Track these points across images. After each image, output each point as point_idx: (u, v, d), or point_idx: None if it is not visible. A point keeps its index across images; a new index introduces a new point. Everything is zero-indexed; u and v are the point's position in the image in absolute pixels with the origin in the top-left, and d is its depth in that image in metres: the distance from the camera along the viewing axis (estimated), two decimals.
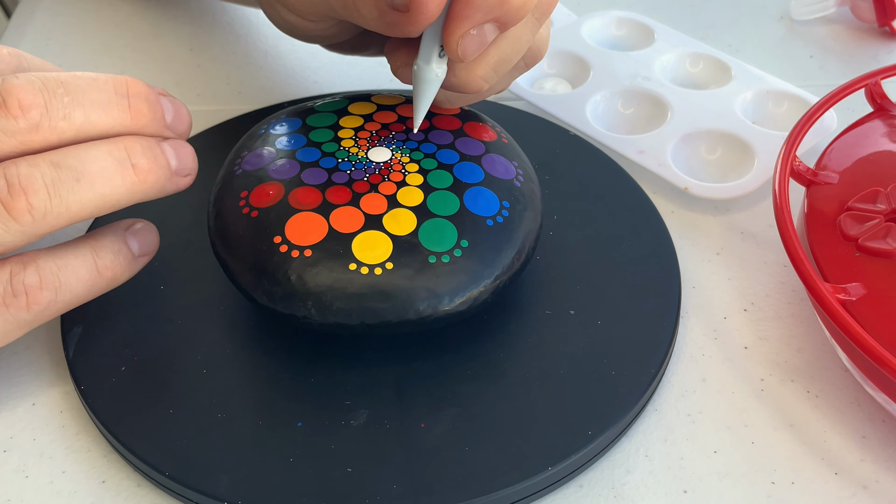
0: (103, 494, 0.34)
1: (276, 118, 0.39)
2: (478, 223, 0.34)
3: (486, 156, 0.37)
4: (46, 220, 0.31)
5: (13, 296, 0.32)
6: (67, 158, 0.31)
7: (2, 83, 0.31)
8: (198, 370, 0.36)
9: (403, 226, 0.34)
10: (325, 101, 0.40)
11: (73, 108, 0.32)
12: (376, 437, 0.34)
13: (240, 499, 0.32)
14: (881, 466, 0.34)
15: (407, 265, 0.33)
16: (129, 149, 0.33)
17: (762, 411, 0.36)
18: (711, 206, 0.45)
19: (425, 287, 0.33)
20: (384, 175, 0.35)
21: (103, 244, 0.34)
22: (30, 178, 0.31)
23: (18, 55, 0.35)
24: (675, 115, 0.48)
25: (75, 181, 0.31)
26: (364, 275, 0.33)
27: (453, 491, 0.32)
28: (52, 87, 0.31)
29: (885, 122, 0.42)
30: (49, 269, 0.33)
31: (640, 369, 0.36)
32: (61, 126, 0.32)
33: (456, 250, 0.34)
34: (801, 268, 0.34)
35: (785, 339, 0.39)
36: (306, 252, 0.33)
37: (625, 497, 0.34)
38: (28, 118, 0.31)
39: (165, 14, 0.60)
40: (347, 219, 0.34)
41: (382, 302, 0.33)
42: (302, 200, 0.35)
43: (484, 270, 0.34)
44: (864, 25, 0.58)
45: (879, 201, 0.37)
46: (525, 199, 0.36)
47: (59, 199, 0.31)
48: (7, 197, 0.30)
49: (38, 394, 0.37)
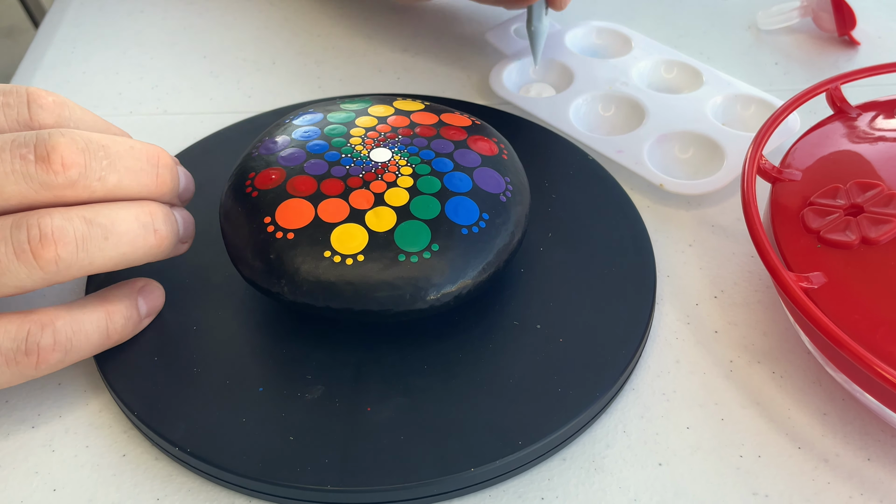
0: (124, 467, 0.34)
1: (304, 110, 0.40)
2: (453, 230, 0.34)
3: (479, 168, 0.36)
4: (69, 271, 0.31)
5: (25, 354, 0.31)
6: (99, 216, 0.31)
7: (48, 138, 0.31)
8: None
9: (383, 223, 0.34)
10: (351, 100, 0.40)
11: (109, 172, 0.32)
12: (324, 413, 0.34)
13: (189, 446, 0.32)
14: (841, 441, 0.34)
15: (377, 260, 0.33)
16: (153, 214, 0.33)
17: (731, 390, 0.36)
18: (684, 202, 0.45)
19: (389, 283, 0.33)
20: (378, 174, 0.35)
21: (117, 308, 0.34)
22: (62, 230, 0.30)
23: (63, 104, 0.34)
24: (651, 117, 0.48)
25: (104, 239, 0.31)
26: (336, 263, 0.33)
27: (376, 473, 0.32)
28: (94, 150, 0.31)
29: (844, 124, 0.42)
30: (64, 333, 0.32)
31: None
32: (94, 186, 0.32)
33: (426, 252, 0.33)
34: (767, 258, 0.34)
35: (752, 323, 0.39)
36: (289, 235, 0.34)
37: (604, 469, 0.34)
38: (67, 175, 0.31)
39: (181, 24, 0.60)
40: (334, 210, 0.34)
41: (348, 290, 0.33)
42: (298, 188, 0.35)
43: (449, 275, 0.33)
44: (825, 35, 0.58)
45: (839, 197, 0.37)
46: (507, 214, 0.35)
47: (85, 253, 0.31)
48: (38, 246, 0.30)
49: (63, 375, 0.37)
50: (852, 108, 0.43)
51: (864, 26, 0.58)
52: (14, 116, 0.32)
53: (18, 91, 0.33)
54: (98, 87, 0.54)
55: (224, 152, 0.45)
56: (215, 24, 0.60)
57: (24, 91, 0.33)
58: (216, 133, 0.47)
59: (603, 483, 0.33)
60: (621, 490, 0.33)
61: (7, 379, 0.32)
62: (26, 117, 0.33)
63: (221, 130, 0.48)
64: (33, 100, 0.33)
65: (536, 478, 0.33)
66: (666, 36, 0.58)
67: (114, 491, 0.33)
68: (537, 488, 0.33)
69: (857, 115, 0.42)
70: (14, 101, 0.33)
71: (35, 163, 0.30)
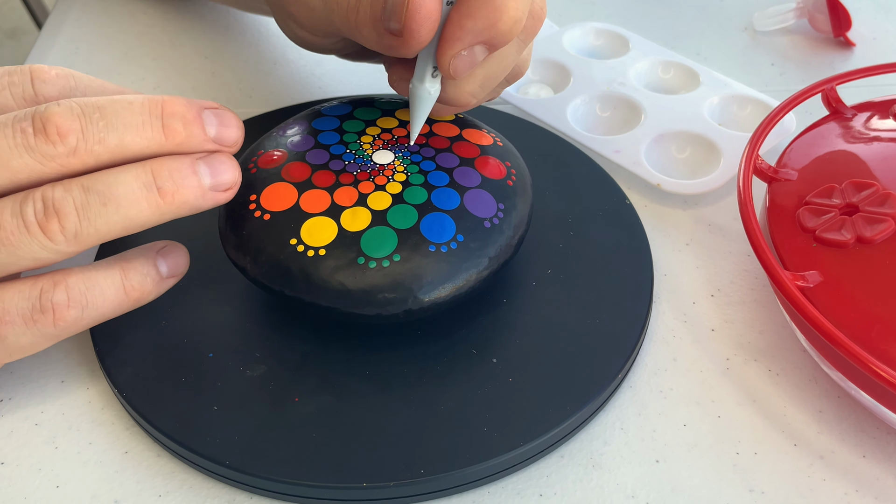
0: (126, 463, 0.34)
1: (339, 101, 0.40)
2: (421, 244, 0.33)
3: (474, 190, 0.35)
4: (78, 240, 0.31)
5: (41, 312, 0.31)
6: (96, 183, 0.31)
7: (44, 110, 0.30)
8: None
9: (356, 223, 0.33)
10: (386, 100, 0.40)
11: (107, 132, 0.31)
12: (254, 391, 0.34)
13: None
14: (836, 438, 0.34)
15: (338, 258, 0.33)
16: (154, 172, 0.32)
17: (727, 388, 0.36)
18: (681, 201, 0.45)
19: (341, 283, 0.33)
20: (372, 175, 0.35)
21: (133, 265, 0.34)
22: (62, 201, 0.30)
23: (67, 75, 0.34)
24: (648, 117, 0.48)
25: (102, 205, 0.31)
26: (298, 252, 0.33)
27: (269, 463, 0.32)
28: (89, 113, 0.31)
29: (839, 124, 0.42)
30: (77, 289, 0.32)
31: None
32: (97, 150, 0.31)
33: (385, 261, 0.33)
34: (763, 257, 0.34)
35: (748, 322, 0.39)
36: (265, 216, 0.34)
37: (602, 466, 0.33)
38: (66, 143, 0.30)
39: (182, 25, 0.60)
40: (315, 201, 0.34)
41: (301, 281, 0.33)
42: (291, 173, 0.35)
43: (403, 289, 0.33)
44: (820, 36, 0.58)
45: (835, 196, 0.37)
46: (486, 239, 0.34)
47: (87, 221, 0.31)
48: (43, 219, 0.30)
49: (66, 372, 0.37)
50: (847, 108, 0.43)
51: (859, 27, 0.58)
52: (20, 94, 0.33)
53: (22, 70, 0.33)
54: None
55: None
56: (216, 25, 0.60)
57: (28, 69, 0.33)
58: None
59: (601, 480, 0.33)
60: (619, 487, 0.33)
61: (30, 341, 0.32)
62: (31, 93, 0.33)
63: None
64: (36, 75, 0.33)
65: (535, 475, 0.33)
66: (663, 37, 0.58)
67: (116, 487, 0.33)
68: (535, 485, 0.33)
69: (852, 116, 0.42)
70: (19, 80, 0.33)
71: (34, 135, 0.30)
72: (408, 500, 0.32)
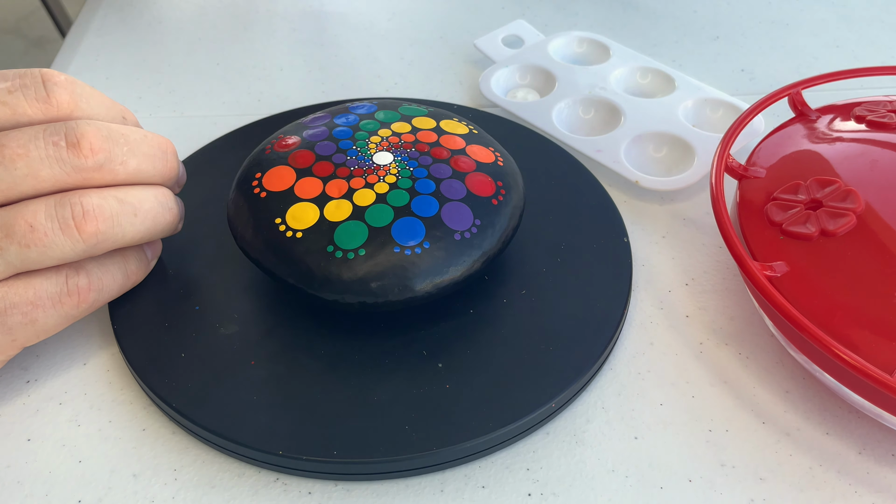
0: (143, 440, 0.33)
1: (368, 100, 0.40)
2: (387, 244, 0.32)
3: (454, 203, 0.34)
4: (105, 244, 0.32)
5: (68, 295, 0.33)
6: (129, 196, 0.33)
7: (76, 126, 0.32)
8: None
9: (338, 214, 0.33)
10: (412, 106, 0.39)
11: (129, 157, 0.33)
12: (221, 349, 0.34)
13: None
14: (802, 416, 0.34)
15: (311, 243, 0.33)
16: (166, 196, 0.35)
17: (701, 370, 0.36)
18: (658, 197, 0.45)
19: (308, 265, 0.32)
20: (366, 173, 0.35)
21: (130, 254, 0.36)
22: (101, 207, 0.32)
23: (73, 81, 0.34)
24: (628, 119, 0.48)
25: (133, 215, 0.33)
26: (279, 232, 0.33)
27: (216, 417, 0.32)
28: (115, 138, 0.33)
29: (805, 125, 0.41)
30: (95, 274, 0.34)
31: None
32: (118, 170, 0.33)
33: (350, 254, 0.32)
34: (734, 249, 0.34)
35: (720, 309, 0.39)
36: (262, 194, 0.34)
37: (585, 442, 0.33)
38: (95, 159, 0.32)
39: (196, 35, 0.59)
40: (309, 187, 0.34)
41: (272, 257, 0.33)
42: (297, 160, 0.35)
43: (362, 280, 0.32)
44: (788, 44, 0.58)
45: (800, 193, 0.37)
46: (454, 250, 0.33)
47: (119, 227, 0.33)
48: (81, 221, 0.31)
49: (88, 355, 0.37)
50: (812, 111, 0.43)
51: (822, 35, 0.58)
52: (33, 95, 0.33)
53: (33, 73, 0.33)
54: (120, 91, 0.54)
55: (235, 151, 0.44)
56: (228, 34, 0.60)
57: (38, 72, 0.33)
58: (228, 134, 0.47)
59: (583, 455, 0.33)
60: (600, 461, 0.33)
61: (55, 322, 0.33)
62: (44, 94, 0.33)
63: (233, 132, 0.47)
64: (47, 78, 0.33)
65: (522, 450, 0.33)
66: (641, 45, 0.58)
67: (134, 462, 0.33)
68: (523, 460, 0.33)
69: (816, 118, 0.42)
70: (31, 82, 0.33)
71: (66, 148, 0.31)
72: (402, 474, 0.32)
